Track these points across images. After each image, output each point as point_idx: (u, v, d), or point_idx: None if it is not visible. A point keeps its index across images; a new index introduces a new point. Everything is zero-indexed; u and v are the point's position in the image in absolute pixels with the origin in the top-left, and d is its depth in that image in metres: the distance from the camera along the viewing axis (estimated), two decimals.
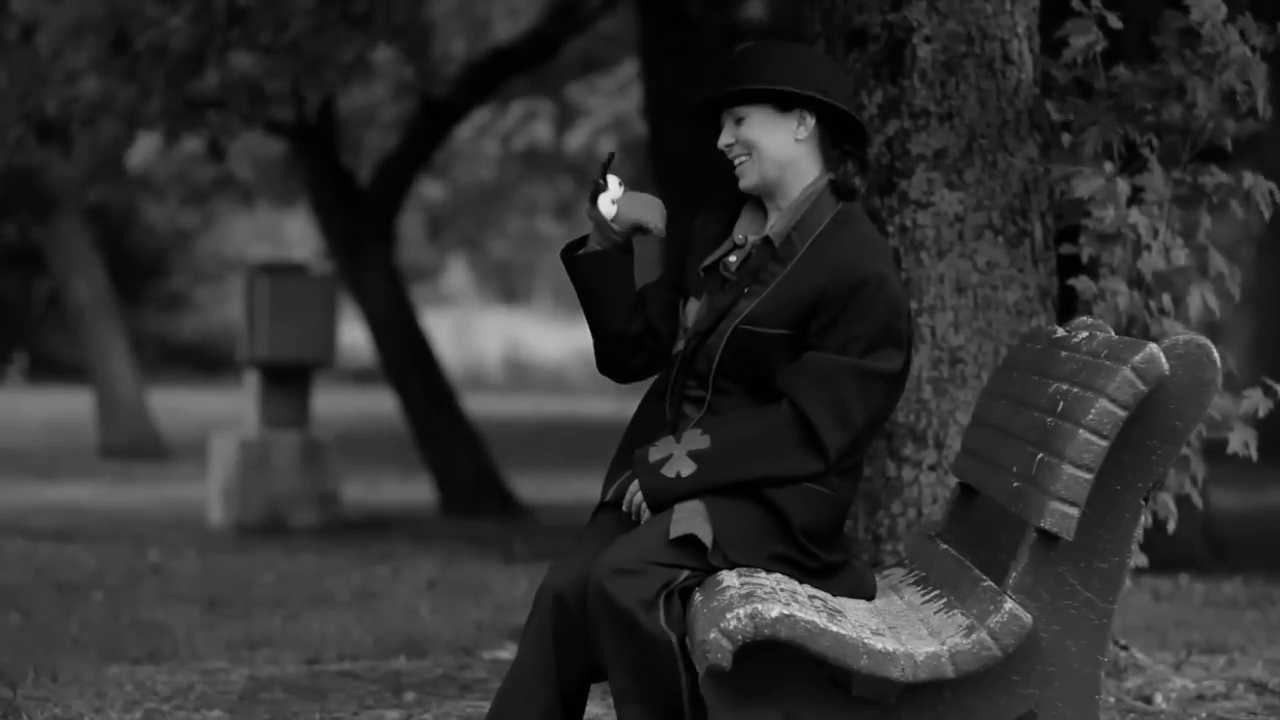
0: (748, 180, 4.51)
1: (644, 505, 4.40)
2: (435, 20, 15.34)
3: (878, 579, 4.78)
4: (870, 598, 4.48)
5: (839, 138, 4.53)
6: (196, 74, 10.70)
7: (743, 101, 4.49)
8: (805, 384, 4.35)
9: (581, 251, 4.59)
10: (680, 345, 4.53)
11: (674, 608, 4.25)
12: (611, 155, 4.62)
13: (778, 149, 4.48)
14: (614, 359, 4.63)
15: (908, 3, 5.85)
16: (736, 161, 4.51)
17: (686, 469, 4.37)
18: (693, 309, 4.53)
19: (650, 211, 4.54)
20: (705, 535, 4.30)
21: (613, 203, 4.55)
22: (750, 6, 15.42)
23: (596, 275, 4.56)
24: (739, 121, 4.50)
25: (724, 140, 4.53)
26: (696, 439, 4.38)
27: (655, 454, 4.41)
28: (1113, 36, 5.82)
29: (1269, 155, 13.77)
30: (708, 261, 4.54)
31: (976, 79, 5.87)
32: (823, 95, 4.45)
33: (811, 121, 4.49)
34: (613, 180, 4.57)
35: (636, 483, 4.41)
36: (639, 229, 4.55)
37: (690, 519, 4.32)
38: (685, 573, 4.28)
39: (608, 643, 4.25)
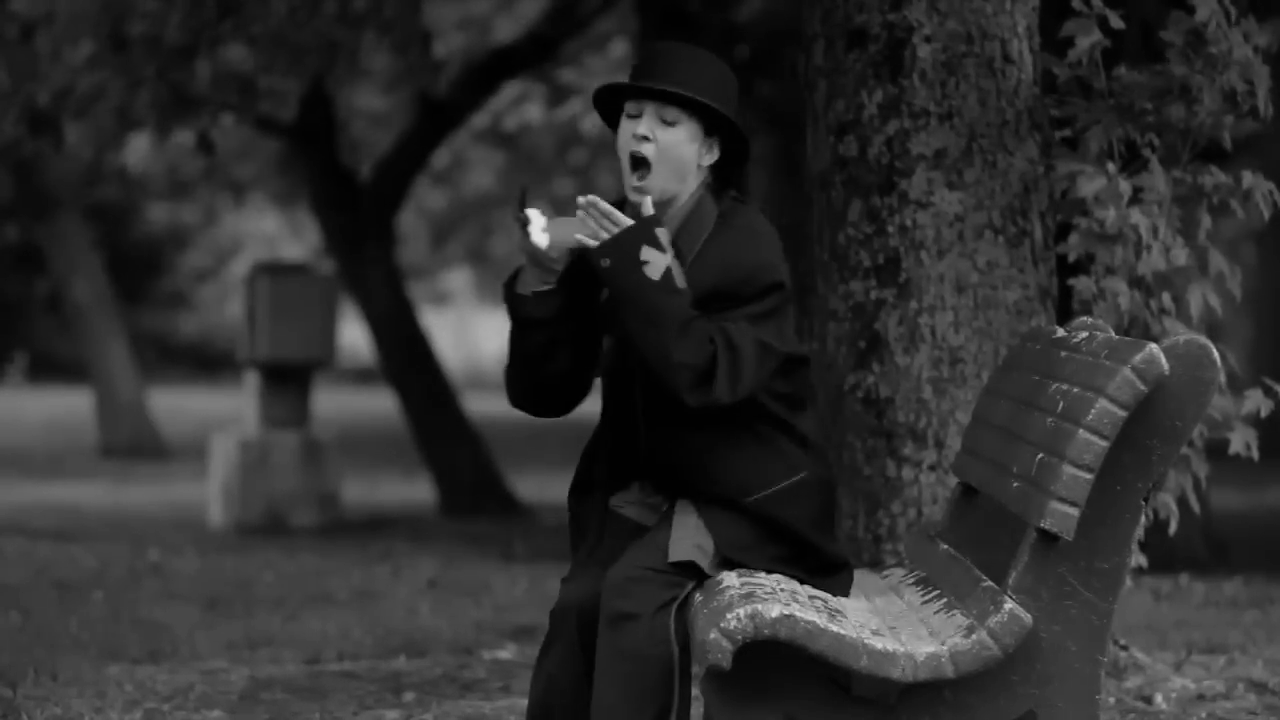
0: (652, 188, 4.33)
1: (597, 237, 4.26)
2: (434, 20, 15.33)
3: (878, 579, 4.78)
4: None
5: (722, 169, 4.43)
6: (187, 67, 10.70)
7: (683, 105, 4.34)
8: (719, 336, 4.22)
9: (522, 290, 4.39)
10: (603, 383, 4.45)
11: (680, 621, 4.23)
12: (524, 189, 4.43)
13: (686, 164, 4.35)
14: (552, 399, 4.50)
15: (908, 3, 5.85)
16: (640, 156, 4.32)
17: (655, 271, 4.21)
18: (607, 344, 4.44)
19: (583, 230, 4.31)
20: (704, 559, 4.28)
21: (543, 231, 4.34)
22: (748, 6, 15.40)
23: (550, 316, 4.37)
24: (667, 123, 4.34)
25: (645, 130, 4.33)
26: (679, 272, 4.25)
27: (649, 249, 4.24)
28: (1113, 36, 5.82)
29: (1269, 155, 13.76)
30: (606, 293, 4.38)
31: (976, 79, 5.87)
32: (744, 132, 4.39)
33: (718, 151, 4.40)
34: (534, 213, 4.36)
35: (609, 236, 4.26)
36: (575, 251, 4.33)
37: (689, 540, 4.28)
38: (691, 584, 4.26)
39: (604, 651, 4.22)
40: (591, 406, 4.62)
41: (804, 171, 6.15)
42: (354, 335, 25.53)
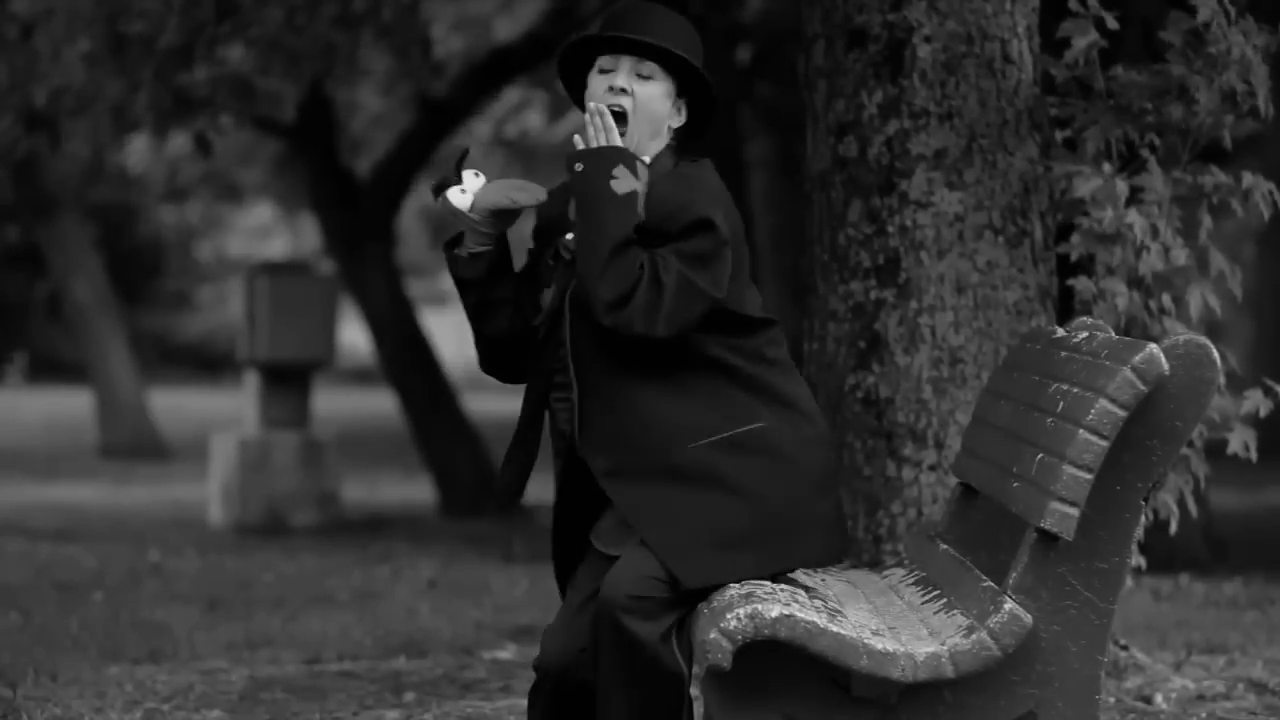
0: (628, 144, 4.31)
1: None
2: (434, 20, 15.32)
3: (878, 579, 4.78)
4: (839, 559, 4.40)
5: (687, 130, 4.43)
6: (185, 68, 10.69)
7: (660, 61, 4.34)
8: (647, 264, 4.18)
9: (459, 251, 4.43)
10: (540, 331, 4.41)
11: (684, 639, 4.20)
12: (465, 150, 4.45)
13: (660, 121, 4.35)
14: (500, 360, 4.51)
15: (908, 3, 5.85)
16: (620, 110, 4.30)
17: (621, 188, 4.20)
18: (546, 295, 4.42)
19: (513, 191, 4.35)
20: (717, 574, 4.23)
21: (462, 192, 4.37)
22: (749, 6, 15.40)
23: (481, 278, 4.40)
24: (643, 77, 4.34)
25: (622, 83, 4.32)
26: (639, 205, 4.23)
27: (623, 168, 4.23)
28: (1111, 36, 5.82)
29: (1269, 155, 13.77)
30: (555, 248, 4.41)
31: (976, 79, 5.87)
32: (714, 93, 4.38)
33: (685, 115, 4.40)
34: (469, 174, 4.39)
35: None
36: (501, 213, 4.37)
37: (694, 560, 4.20)
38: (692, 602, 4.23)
39: (614, 676, 4.16)
40: None
41: (804, 172, 6.15)
42: (354, 335, 25.54)
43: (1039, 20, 6.02)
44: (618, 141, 4.27)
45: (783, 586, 4.24)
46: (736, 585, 4.18)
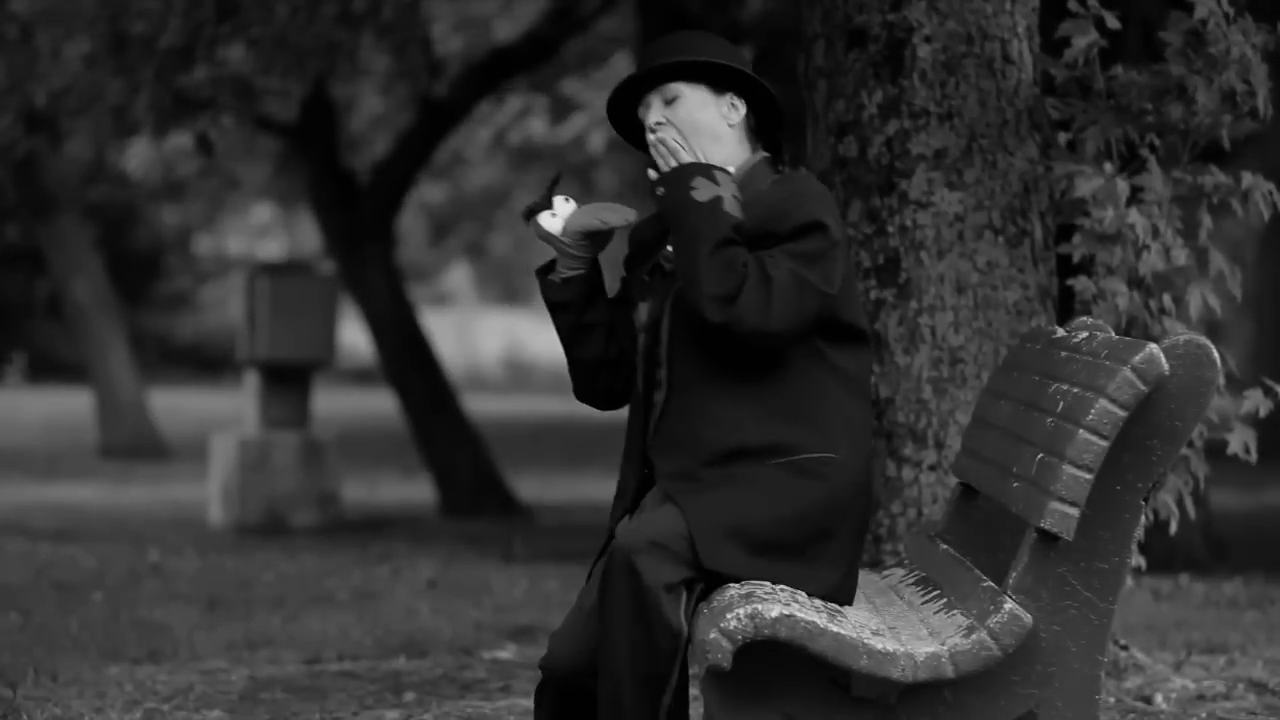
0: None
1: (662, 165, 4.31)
2: (434, 19, 15.33)
3: (877, 578, 4.78)
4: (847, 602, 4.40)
5: (761, 128, 4.47)
6: (186, 68, 10.70)
7: (677, 78, 4.39)
8: (754, 262, 4.22)
9: (552, 276, 4.48)
10: (640, 344, 4.44)
11: (694, 605, 4.19)
12: (557, 175, 4.50)
13: (713, 129, 4.39)
14: (595, 386, 4.53)
15: (908, 3, 5.85)
16: (661, 141, 4.35)
17: (703, 195, 4.25)
18: (642, 309, 4.45)
19: (603, 213, 4.39)
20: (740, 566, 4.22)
21: (553, 216, 4.41)
22: (749, 6, 15.41)
23: (574, 301, 4.46)
24: (669, 102, 4.40)
25: (654, 118, 4.38)
26: (735, 206, 4.27)
27: (700, 178, 4.29)
28: (1111, 36, 5.83)
29: (1269, 155, 13.77)
30: (651, 264, 4.46)
31: (976, 79, 5.87)
32: (755, 75, 4.41)
33: (742, 108, 4.43)
34: (559, 199, 4.43)
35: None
36: (593, 235, 4.41)
37: (718, 544, 4.21)
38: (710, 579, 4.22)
39: (617, 614, 4.14)
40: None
41: None
42: (354, 335, 25.55)
43: (1039, 20, 6.02)
44: (686, 159, 4.32)
45: (783, 587, 4.24)
46: (737, 585, 4.18)
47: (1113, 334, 4.52)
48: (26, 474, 17.09)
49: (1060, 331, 4.69)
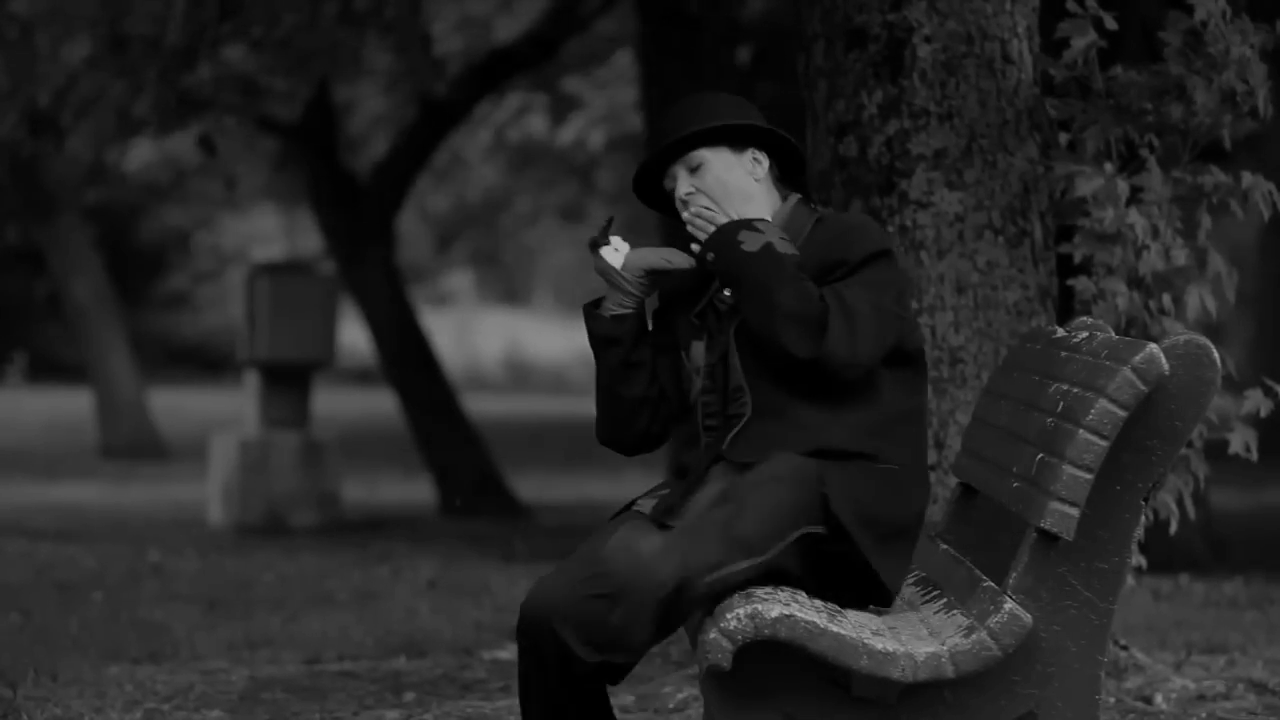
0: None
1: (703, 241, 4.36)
2: (435, 19, 15.33)
3: None
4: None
5: (784, 175, 4.55)
6: (189, 68, 10.70)
7: (697, 145, 4.45)
8: (830, 295, 4.29)
9: (603, 311, 4.52)
10: (699, 383, 4.48)
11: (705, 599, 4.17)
12: (610, 219, 4.55)
13: (743, 188, 4.46)
14: (633, 425, 4.55)
15: (908, 3, 5.85)
16: (695, 212, 4.42)
17: (753, 245, 4.33)
18: (698, 350, 4.49)
19: (668, 255, 4.47)
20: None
21: (615, 251, 4.48)
22: (749, 6, 15.41)
23: (623, 338, 4.49)
24: (694, 170, 4.46)
25: (684, 189, 4.46)
26: (786, 245, 4.35)
27: (745, 232, 4.35)
28: (1110, 36, 5.83)
29: (1269, 155, 13.77)
30: (700, 307, 4.49)
31: (976, 79, 5.87)
32: (771, 127, 4.48)
33: (765, 160, 4.50)
34: (616, 239, 4.50)
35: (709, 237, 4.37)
36: (654, 274, 4.48)
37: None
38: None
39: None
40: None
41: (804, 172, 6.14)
42: (354, 335, 25.54)
43: (1039, 20, 6.02)
44: (722, 220, 4.39)
45: (783, 586, 4.24)
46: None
47: (1113, 334, 4.52)
48: (27, 474, 17.09)
49: (1060, 331, 4.69)
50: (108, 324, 19.34)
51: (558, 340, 34.32)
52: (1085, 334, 4.50)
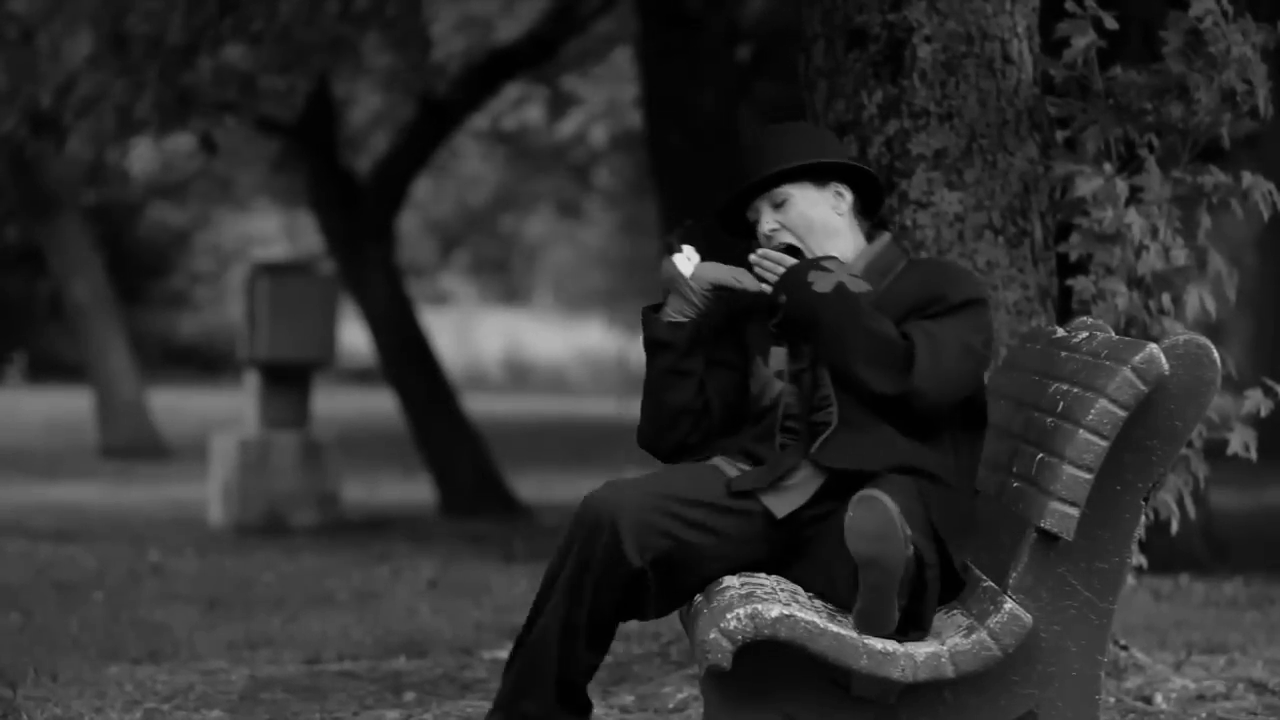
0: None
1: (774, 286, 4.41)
2: (436, 20, 15.33)
3: None
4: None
5: (866, 207, 4.62)
6: (189, 66, 10.70)
7: (780, 183, 4.52)
8: (918, 332, 4.36)
9: (663, 316, 4.56)
10: (778, 387, 4.51)
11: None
12: (687, 224, 4.62)
13: (827, 223, 4.53)
14: (673, 433, 4.60)
15: (908, 3, 5.85)
16: (763, 254, 4.48)
17: (825, 286, 4.37)
18: (778, 355, 4.53)
19: (739, 274, 4.51)
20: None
21: (688, 260, 4.53)
22: (750, 6, 15.41)
23: (678, 344, 4.54)
24: (779, 205, 4.53)
25: (767, 226, 4.52)
26: (857, 283, 4.41)
27: (814, 272, 4.39)
28: (1110, 36, 5.82)
29: (1269, 155, 13.77)
30: (778, 318, 4.52)
31: (976, 79, 5.87)
32: (855, 162, 4.56)
33: (848, 195, 4.57)
34: (688, 248, 4.55)
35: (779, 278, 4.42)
36: (720, 290, 4.52)
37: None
38: None
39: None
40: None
41: None
42: (354, 335, 25.53)
43: (1039, 20, 6.02)
44: (790, 263, 4.43)
45: (783, 587, 4.24)
46: (737, 585, 4.18)
47: (1112, 334, 4.52)
48: (27, 474, 17.09)
49: (1060, 331, 4.69)
50: (108, 324, 19.33)
51: (558, 340, 34.32)
52: (1085, 334, 4.50)
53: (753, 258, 4.47)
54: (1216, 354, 4.18)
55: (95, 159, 17.07)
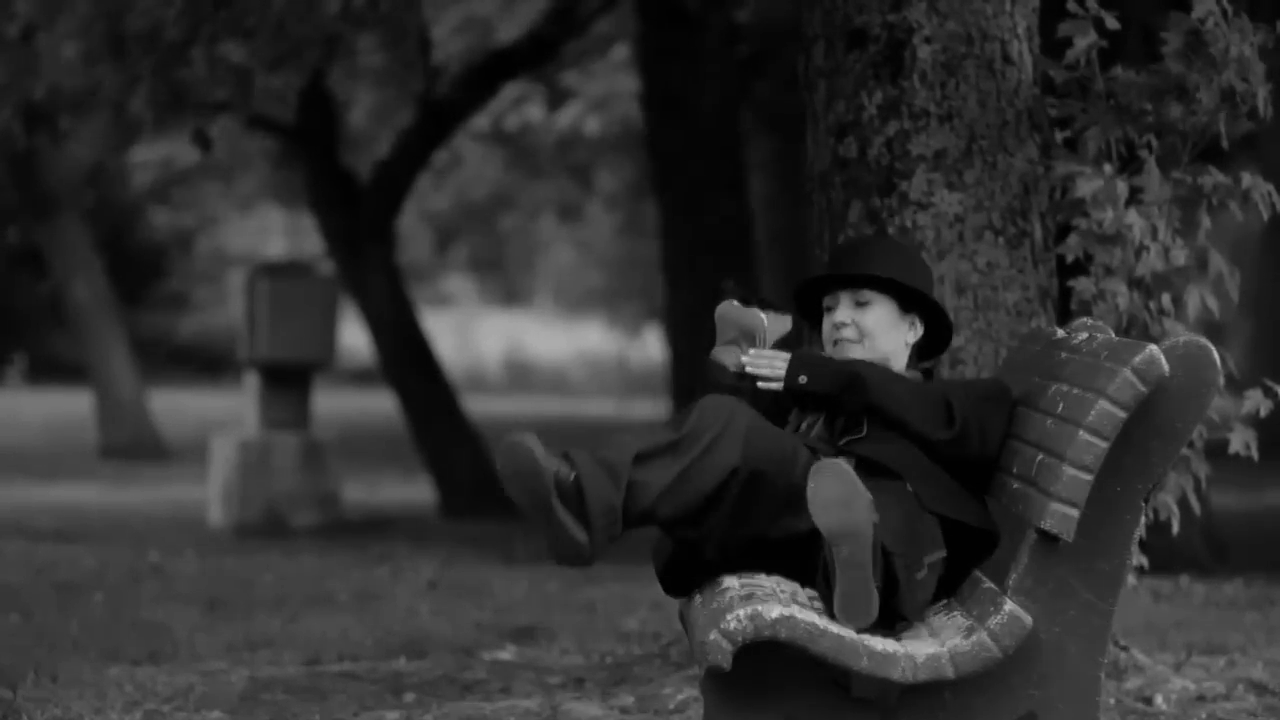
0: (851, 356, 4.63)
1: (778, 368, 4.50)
2: (435, 22, 15.33)
3: None
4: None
5: (927, 348, 4.74)
6: (184, 62, 10.69)
7: (871, 286, 4.62)
8: (953, 385, 4.54)
9: (732, 367, 4.62)
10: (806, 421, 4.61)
11: None
12: (726, 286, 4.74)
13: (891, 343, 4.64)
14: None
15: (908, 3, 5.85)
16: (842, 337, 4.63)
17: (841, 356, 4.56)
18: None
19: (745, 358, 4.60)
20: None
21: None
22: (749, 6, 15.40)
23: (746, 393, 4.59)
24: (861, 305, 4.64)
25: (841, 317, 4.63)
26: (857, 350, 4.57)
27: (822, 354, 4.55)
28: (1111, 37, 5.82)
29: (1269, 155, 13.77)
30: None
31: (976, 79, 5.86)
32: (942, 308, 4.69)
33: (920, 329, 4.68)
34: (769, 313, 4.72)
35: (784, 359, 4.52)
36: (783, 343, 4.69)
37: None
38: None
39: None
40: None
41: (804, 173, 6.14)
42: (354, 335, 25.53)
43: (1039, 21, 6.02)
44: (784, 356, 4.54)
45: (783, 587, 4.24)
46: (737, 585, 4.18)
47: (1112, 335, 4.52)
48: (27, 474, 17.08)
49: (1060, 332, 4.69)
50: (108, 324, 19.32)
51: (558, 341, 34.31)
52: (1085, 335, 4.50)
53: (745, 359, 4.56)
54: (1217, 355, 4.18)
55: (96, 160, 17.07)
